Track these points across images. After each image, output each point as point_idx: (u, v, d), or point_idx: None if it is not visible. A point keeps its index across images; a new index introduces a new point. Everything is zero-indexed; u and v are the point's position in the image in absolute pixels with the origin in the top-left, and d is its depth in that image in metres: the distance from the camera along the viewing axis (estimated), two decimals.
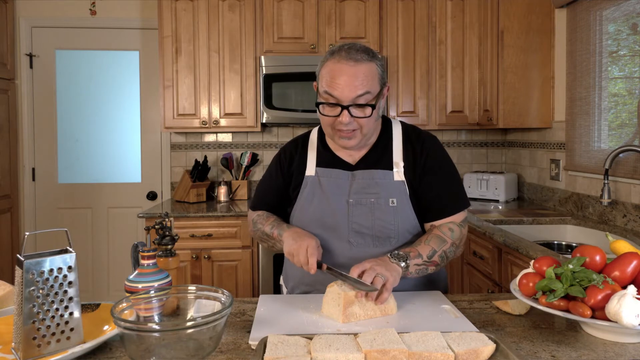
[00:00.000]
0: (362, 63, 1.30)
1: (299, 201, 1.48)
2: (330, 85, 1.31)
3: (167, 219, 1.29)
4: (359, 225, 1.41)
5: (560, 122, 2.94)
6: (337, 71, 1.30)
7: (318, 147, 1.51)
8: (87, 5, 3.63)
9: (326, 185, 1.44)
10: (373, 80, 1.32)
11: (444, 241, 1.37)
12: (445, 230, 1.39)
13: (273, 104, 3.22)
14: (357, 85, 1.29)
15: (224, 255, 3.03)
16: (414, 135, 1.47)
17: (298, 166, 1.51)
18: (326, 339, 0.98)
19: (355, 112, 1.32)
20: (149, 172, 3.75)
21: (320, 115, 1.38)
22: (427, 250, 1.33)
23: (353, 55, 1.31)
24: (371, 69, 1.32)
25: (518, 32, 3.03)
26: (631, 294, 0.97)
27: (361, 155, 1.46)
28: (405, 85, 3.36)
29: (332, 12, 3.29)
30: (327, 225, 1.43)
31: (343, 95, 1.29)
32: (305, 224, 1.45)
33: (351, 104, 1.30)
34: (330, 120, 1.35)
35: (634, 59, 2.40)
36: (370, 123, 1.36)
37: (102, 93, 3.70)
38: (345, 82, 1.29)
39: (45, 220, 3.68)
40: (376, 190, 1.41)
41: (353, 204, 1.41)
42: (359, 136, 1.37)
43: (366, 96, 1.30)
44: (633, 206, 2.30)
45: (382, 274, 1.17)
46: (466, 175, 3.48)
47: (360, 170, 1.43)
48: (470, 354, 0.93)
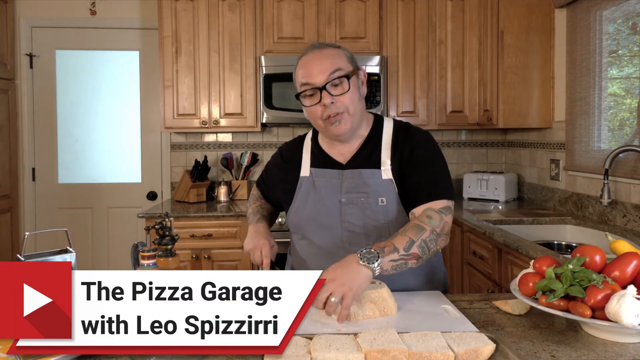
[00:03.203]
0: (326, 48, 1.41)
1: (295, 202, 1.50)
2: (304, 75, 1.38)
3: (167, 219, 1.29)
4: (351, 224, 1.42)
5: (560, 122, 2.94)
6: (305, 61, 1.39)
7: (312, 148, 1.53)
8: (87, 5, 3.63)
9: (320, 185, 1.46)
10: (341, 59, 1.38)
11: (421, 229, 1.27)
12: (422, 218, 1.31)
13: (273, 104, 3.22)
14: (326, 66, 1.35)
15: (224, 255, 3.03)
16: (403, 131, 1.46)
17: (294, 167, 1.53)
18: (326, 339, 0.98)
19: (333, 90, 1.35)
20: (149, 172, 3.75)
21: (307, 111, 1.41)
22: (404, 242, 1.23)
23: (317, 45, 1.42)
24: (337, 51, 1.41)
25: (518, 32, 3.03)
26: (631, 294, 0.97)
27: (352, 153, 1.46)
28: (405, 85, 3.36)
29: (332, 12, 3.29)
30: (322, 225, 1.45)
31: (317, 79, 1.35)
32: (301, 224, 1.49)
33: (327, 82, 1.34)
34: (316, 111, 1.38)
35: (633, 59, 2.40)
36: (354, 101, 1.38)
37: (102, 93, 3.70)
38: (315, 65, 1.36)
39: (45, 220, 3.68)
40: (366, 190, 1.41)
41: (345, 203, 1.42)
42: (348, 119, 1.38)
43: (338, 72, 1.36)
44: (633, 206, 2.30)
45: (337, 292, 1.09)
46: (466, 175, 3.48)
47: (350, 170, 1.44)
48: (470, 354, 0.93)
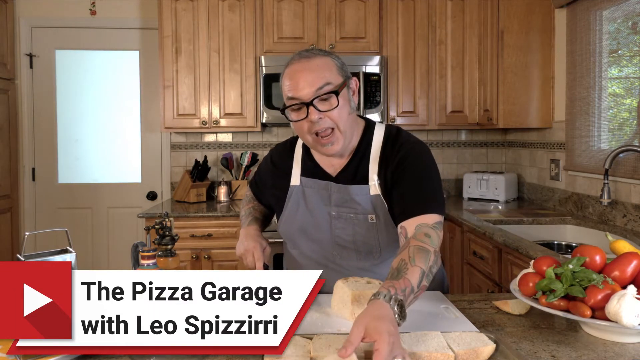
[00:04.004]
0: (315, 57, 1.29)
1: (285, 210, 1.46)
2: (290, 88, 1.28)
3: (167, 219, 1.29)
4: (341, 239, 1.39)
5: (560, 122, 2.94)
6: (292, 73, 1.28)
7: (303, 155, 1.47)
8: (87, 5, 3.63)
9: (310, 196, 1.42)
10: (330, 71, 1.28)
11: (427, 252, 1.14)
12: (421, 237, 1.18)
13: (273, 104, 3.22)
14: (314, 79, 1.25)
15: (224, 255, 3.03)
16: (392, 142, 1.37)
17: (284, 174, 1.48)
18: (326, 339, 0.98)
19: (321, 105, 1.26)
20: (149, 172, 3.75)
21: (294, 125, 1.32)
22: (417, 275, 1.09)
23: (305, 54, 1.31)
24: (326, 61, 1.29)
25: (518, 32, 3.03)
26: (631, 294, 0.97)
27: (342, 164, 1.39)
28: (405, 85, 3.36)
29: (332, 12, 3.29)
30: (312, 237, 1.42)
31: (303, 93, 1.25)
32: (292, 234, 1.46)
33: (314, 97, 1.25)
34: (303, 126, 1.29)
35: (633, 59, 2.41)
36: (343, 117, 1.28)
37: (102, 93, 3.70)
38: (302, 78, 1.26)
39: (45, 220, 3.68)
40: (354, 206, 1.35)
41: (335, 216, 1.38)
42: (339, 136, 1.30)
43: (326, 87, 1.26)
44: (633, 206, 2.30)
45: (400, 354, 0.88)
46: (466, 175, 3.48)
47: (337, 185, 1.38)
48: (470, 354, 0.93)
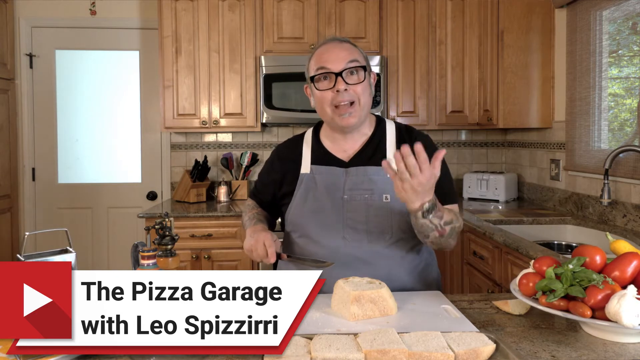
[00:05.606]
0: (345, 43, 1.45)
1: (295, 199, 1.49)
2: (321, 60, 1.41)
3: (167, 219, 1.29)
4: (353, 221, 1.42)
5: (560, 122, 2.94)
6: (324, 49, 1.43)
7: (313, 145, 1.53)
8: (87, 5, 3.63)
9: (321, 183, 1.46)
10: (359, 54, 1.44)
11: (458, 219, 1.36)
12: (456, 211, 1.42)
13: (273, 104, 3.22)
14: (344, 55, 1.40)
15: (224, 255, 3.03)
16: (406, 132, 1.50)
17: (294, 164, 1.53)
18: (326, 339, 0.98)
19: (349, 78, 1.39)
20: (149, 172, 3.75)
21: (317, 96, 1.43)
22: (448, 217, 1.30)
23: (338, 38, 1.47)
24: (355, 48, 1.46)
25: (518, 32, 3.03)
26: (631, 294, 0.97)
27: (355, 150, 1.48)
28: (405, 85, 3.36)
29: (332, 12, 3.29)
30: (322, 222, 1.45)
31: (334, 65, 1.39)
32: (301, 221, 1.48)
33: (344, 69, 1.38)
34: (327, 96, 1.40)
35: (633, 59, 2.41)
36: (365, 92, 1.41)
37: (102, 93, 3.70)
38: (334, 53, 1.41)
39: (45, 220, 3.68)
40: (370, 187, 1.42)
41: (347, 200, 1.43)
42: (358, 110, 1.40)
43: (355, 62, 1.40)
44: (633, 206, 2.30)
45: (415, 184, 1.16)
46: (466, 175, 3.48)
47: (354, 167, 1.45)
48: (470, 354, 0.93)
